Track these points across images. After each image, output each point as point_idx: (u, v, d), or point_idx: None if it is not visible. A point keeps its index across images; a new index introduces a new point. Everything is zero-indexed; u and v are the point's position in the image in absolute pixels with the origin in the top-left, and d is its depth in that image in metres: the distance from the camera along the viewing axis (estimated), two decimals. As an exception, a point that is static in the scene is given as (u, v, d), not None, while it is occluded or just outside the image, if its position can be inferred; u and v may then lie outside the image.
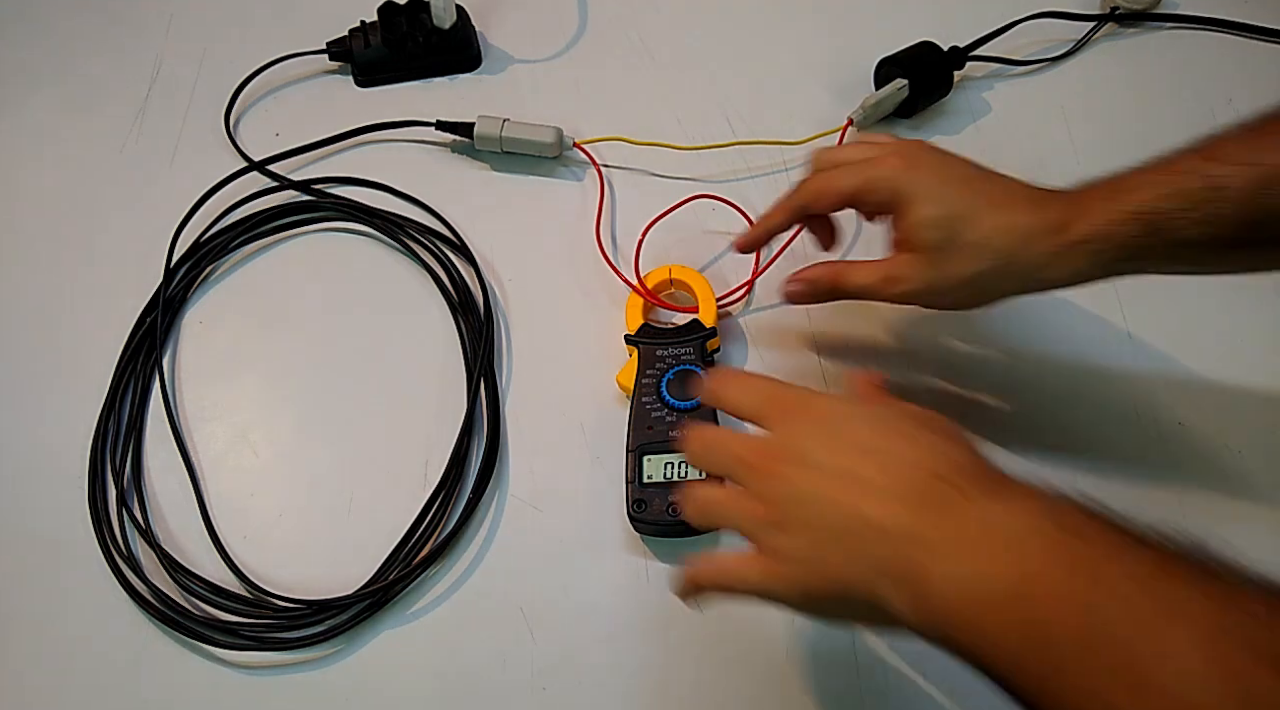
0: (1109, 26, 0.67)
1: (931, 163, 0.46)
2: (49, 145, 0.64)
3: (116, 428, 0.54)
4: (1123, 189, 0.42)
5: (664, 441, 0.50)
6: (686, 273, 0.56)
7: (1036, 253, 0.43)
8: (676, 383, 0.51)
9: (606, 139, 0.61)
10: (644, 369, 0.52)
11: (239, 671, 0.48)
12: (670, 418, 0.51)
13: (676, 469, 0.50)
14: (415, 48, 0.64)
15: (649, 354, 0.53)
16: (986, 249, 0.43)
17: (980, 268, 0.43)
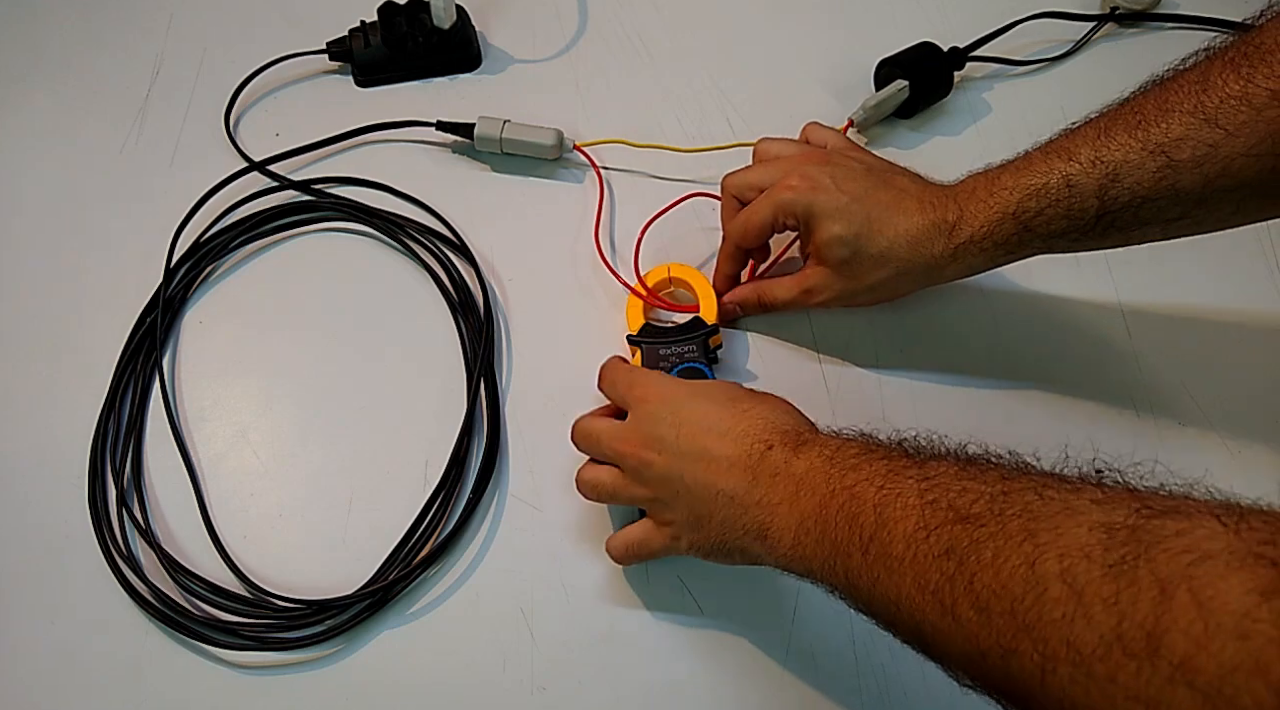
0: (1109, 26, 0.67)
1: (829, 178, 0.50)
2: (49, 145, 0.64)
3: (117, 427, 0.54)
4: (996, 189, 0.47)
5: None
6: (685, 271, 0.56)
7: (932, 255, 0.48)
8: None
9: (606, 142, 0.61)
10: (648, 367, 0.52)
11: (239, 671, 0.48)
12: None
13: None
14: (415, 48, 0.64)
15: (652, 354, 0.53)
16: (889, 258, 0.49)
17: (885, 275, 0.50)
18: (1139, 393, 0.54)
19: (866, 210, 0.49)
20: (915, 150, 0.63)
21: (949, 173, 0.62)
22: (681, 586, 0.50)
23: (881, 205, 0.49)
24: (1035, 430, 0.53)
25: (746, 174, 0.54)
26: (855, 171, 0.51)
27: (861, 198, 0.49)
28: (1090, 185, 0.44)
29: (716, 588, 0.50)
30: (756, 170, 0.53)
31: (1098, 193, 0.44)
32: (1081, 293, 0.57)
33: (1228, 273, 0.58)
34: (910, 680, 0.47)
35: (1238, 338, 0.56)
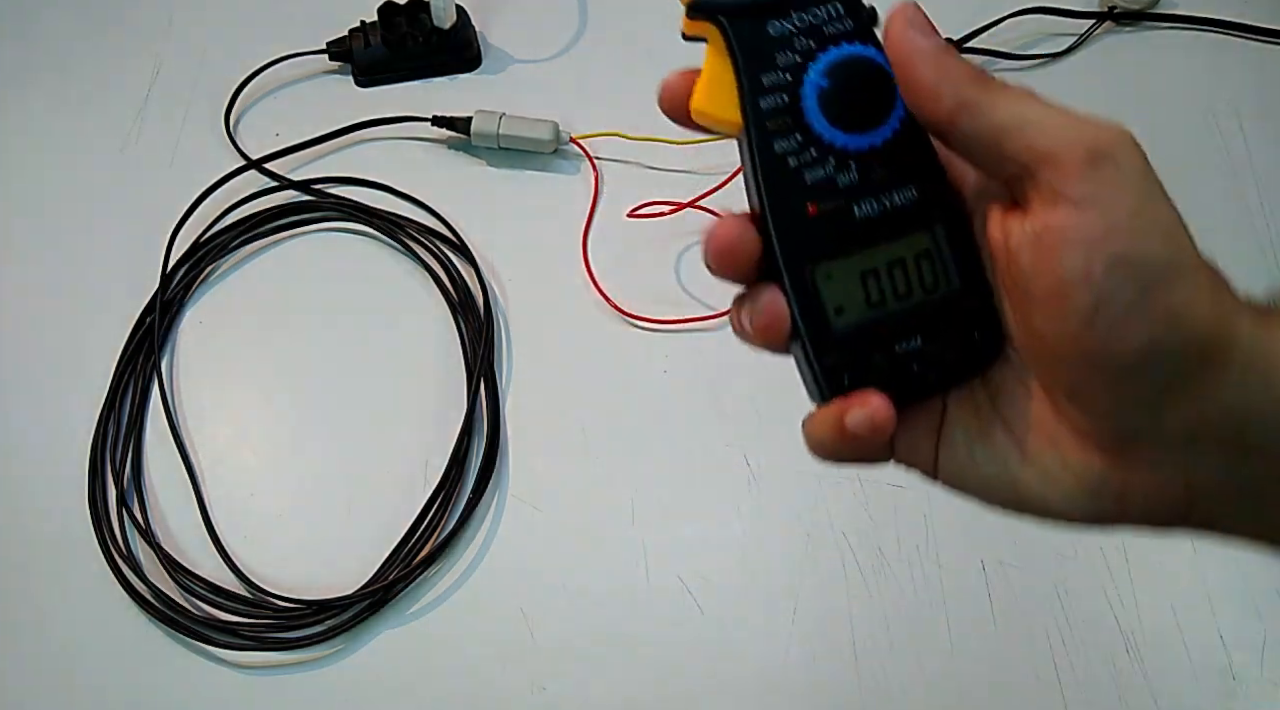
0: (1107, 25, 0.67)
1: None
2: (49, 145, 0.64)
3: (116, 428, 0.54)
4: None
5: (847, 226, 0.25)
6: None
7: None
8: (838, 95, 0.25)
9: (603, 134, 0.61)
10: (752, 72, 0.25)
11: (239, 671, 0.48)
12: (844, 172, 0.25)
13: (892, 277, 0.26)
14: (415, 48, 0.64)
15: (751, 36, 0.25)
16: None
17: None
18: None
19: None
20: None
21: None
22: (681, 586, 0.50)
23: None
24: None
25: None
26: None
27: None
28: None
29: (716, 588, 0.50)
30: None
31: None
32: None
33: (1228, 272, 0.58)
34: (910, 680, 0.47)
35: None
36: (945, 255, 0.26)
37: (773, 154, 0.25)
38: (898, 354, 0.26)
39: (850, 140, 0.25)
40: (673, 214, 0.58)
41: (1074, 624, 0.48)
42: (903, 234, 0.25)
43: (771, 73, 0.25)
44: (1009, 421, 0.26)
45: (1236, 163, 0.61)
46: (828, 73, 0.25)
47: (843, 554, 0.50)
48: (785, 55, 0.25)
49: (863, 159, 0.25)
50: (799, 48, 0.25)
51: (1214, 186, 0.61)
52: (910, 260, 0.25)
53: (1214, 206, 0.60)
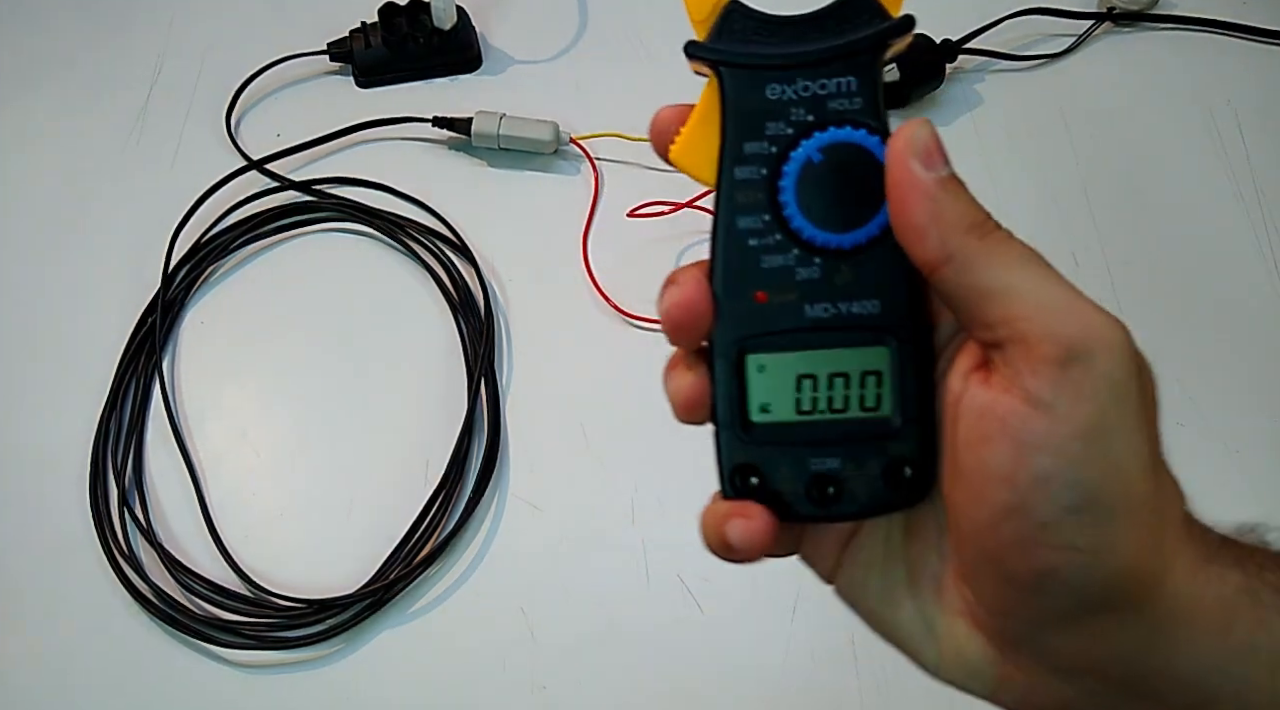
0: (1105, 25, 0.67)
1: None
2: (50, 146, 0.64)
3: (118, 427, 0.54)
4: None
5: (794, 322, 0.24)
6: None
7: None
8: (822, 183, 0.23)
9: (603, 135, 0.62)
10: (738, 143, 0.24)
11: (240, 670, 0.48)
12: (811, 268, 0.24)
13: (828, 388, 0.24)
14: (416, 48, 0.64)
15: (749, 105, 0.24)
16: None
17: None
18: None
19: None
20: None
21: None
22: (681, 586, 0.50)
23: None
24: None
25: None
26: None
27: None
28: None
29: (716, 588, 0.50)
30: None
31: None
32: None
33: (1227, 273, 0.58)
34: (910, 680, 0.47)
35: (1237, 338, 0.56)
36: (894, 381, 0.23)
37: (735, 229, 0.23)
38: (813, 471, 0.24)
39: (821, 235, 0.23)
40: (672, 213, 0.58)
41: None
42: (853, 346, 0.23)
43: (757, 141, 0.23)
44: (913, 567, 0.25)
45: (1235, 163, 0.61)
46: (816, 156, 0.23)
47: (842, 554, 0.50)
48: (777, 125, 0.23)
49: (830, 257, 0.23)
50: (794, 119, 0.23)
51: (1212, 187, 0.61)
52: (855, 375, 0.23)
53: (1212, 207, 0.60)
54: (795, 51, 0.23)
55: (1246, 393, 0.54)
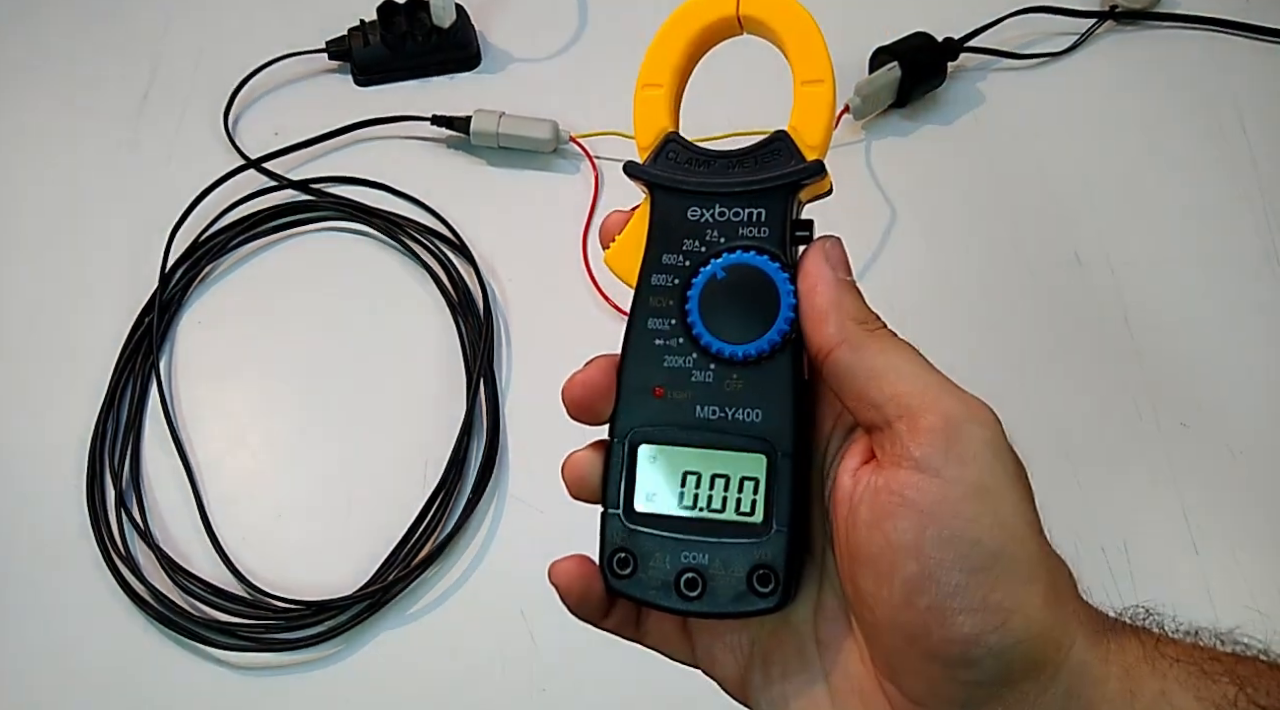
0: (1108, 24, 0.67)
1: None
2: (48, 145, 0.63)
3: (115, 428, 0.53)
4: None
5: (683, 420, 0.26)
6: (777, 7, 0.29)
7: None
8: (723, 298, 0.26)
9: (602, 133, 0.61)
10: (658, 251, 0.27)
11: (238, 672, 0.48)
12: (703, 372, 0.26)
13: (707, 488, 0.25)
14: (415, 47, 0.64)
15: (672, 219, 0.27)
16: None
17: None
18: (1140, 392, 0.54)
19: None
20: (908, 137, 0.63)
21: (940, 158, 0.62)
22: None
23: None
24: (1036, 430, 0.53)
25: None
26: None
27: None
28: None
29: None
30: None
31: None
32: (1084, 292, 0.57)
33: (1230, 273, 0.58)
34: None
35: (1240, 338, 0.56)
36: (770, 489, 0.25)
37: (644, 328, 0.26)
38: (683, 565, 0.25)
39: (716, 344, 0.25)
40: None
41: (1075, 625, 0.48)
42: (735, 449, 0.25)
43: (674, 254, 0.26)
44: (829, 672, 0.25)
45: (1238, 161, 0.61)
46: (720, 273, 0.25)
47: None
48: (693, 242, 0.26)
49: (723, 365, 0.25)
50: (708, 239, 0.26)
51: (1216, 185, 0.61)
52: (734, 478, 0.25)
53: (1216, 205, 0.60)
54: (717, 182, 0.26)
55: (1250, 393, 0.54)
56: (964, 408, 0.23)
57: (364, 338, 0.57)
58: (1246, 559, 0.50)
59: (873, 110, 0.62)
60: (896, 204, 0.60)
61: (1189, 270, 0.58)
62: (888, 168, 0.61)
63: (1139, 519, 0.50)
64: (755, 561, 0.24)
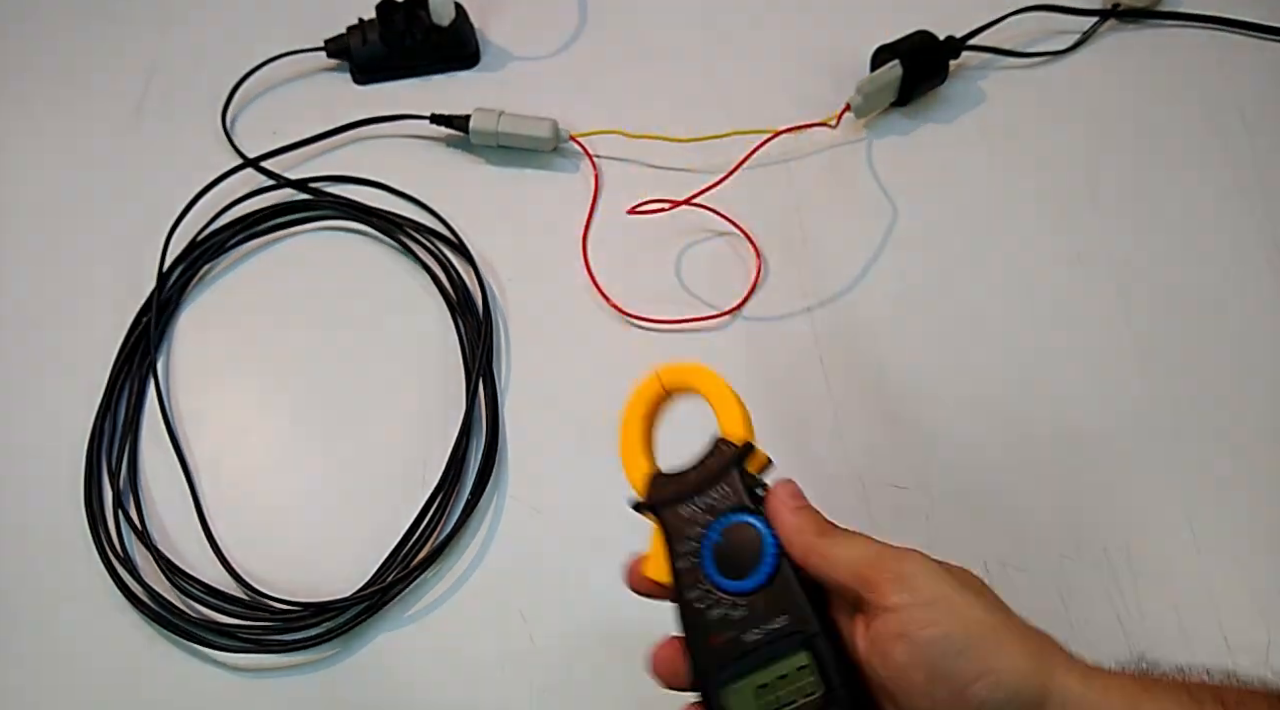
0: (1110, 22, 0.67)
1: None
2: (45, 143, 0.63)
3: (112, 429, 0.53)
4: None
5: (741, 653, 0.32)
6: (684, 372, 0.38)
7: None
8: (726, 553, 0.34)
9: (602, 132, 0.61)
10: (675, 547, 0.35)
11: (236, 674, 0.48)
12: (735, 610, 0.33)
13: (778, 690, 0.32)
14: (413, 45, 0.64)
15: (675, 523, 0.35)
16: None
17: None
18: (1141, 392, 0.54)
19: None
20: (909, 136, 0.63)
21: (941, 157, 0.62)
22: (682, 588, 0.50)
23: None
24: (1036, 430, 0.53)
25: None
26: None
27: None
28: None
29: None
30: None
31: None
32: (1083, 293, 0.57)
33: (1232, 272, 0.57)
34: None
35: (1241, 337, 0.56)
36: (816, 666, 0.32)
37: (687, 601, 0.34)
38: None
39: (733, 585, 0.33)
40: (672, 210, 0.57)
41: (1076, 625, 0.48)
42: (784, 653, 0.32)
43: (683, 542, 0.34)
44: None
45: (1240, 160, 0.61)
46: (716, 536, 0.34)
47: (844, 555, 0.50)
48: (693, 528, 0.34)
49: (745, 598, 0.33)
50: (700, 522, 0.34)
51: (1217, 184, 0.60)
52: (792, 673, 0.32)
53: (1217, 204, 0.60)
54: (691, 486, 0.35)
55: (1252, 392, 0.54)
56: (899, 560, 0.31)
57: (363, 338, 0.57)
58: (1248, 559, 0.50)
59: (874, 109, 0.62)
60: (898, 202, 0.60)
61: (1190, 269, 0.58)
62: (889, 166, 0.61)
63: (1141, 519, 0.50)
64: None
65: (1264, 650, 0.48)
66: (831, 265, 0.58)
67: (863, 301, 0.57)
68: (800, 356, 0.55)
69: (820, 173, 0.61)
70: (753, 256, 0.58)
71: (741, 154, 0.58)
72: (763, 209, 0.60)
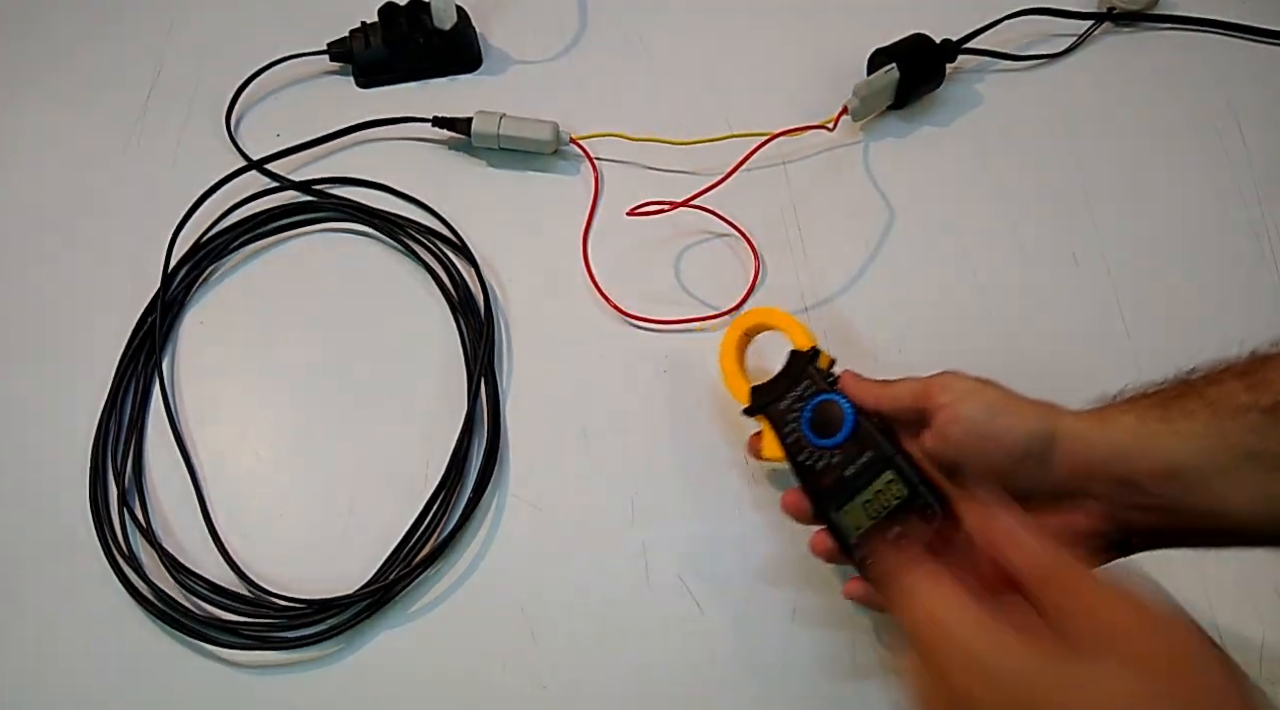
0: (1105, 25, 0.67)
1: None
2: (50, 146, 0.64)
3: (118, 428, 0.54)
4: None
5: (845, 483, 0.44)
6: (757, 315, 0.51)
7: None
8: (818, 423, 0.46)
9: (603, 135, 0.62)
10: (781, 428, 0.47)
11: (240, 671, 0.48)
12: (834, 457, 0.45)
13: (878, 500, 0.44)
14: (416, 48, 0.64)
15: (778, 416, 0.47)
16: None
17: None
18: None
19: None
20: (905, 138, 0.63)
21: (937, 159, 0.62)
22: (681, 586, 0.50)
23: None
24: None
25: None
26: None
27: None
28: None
29: (716, 588, 0.50)
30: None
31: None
32: (1081, 293, 0.57)
33: (1230, 274, 0.58)
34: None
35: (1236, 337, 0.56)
36: (899, 476, 0.44)
37: (799, 463, 0.46)
38: (889, 537, 0.43)
39: (829, 442, 0.46)
40: (671, 211, 0.58)
41: (1073, 623, 0.48)
42: (876, 475, 0.44)
43: (787, 425, 0.47)
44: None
45: (1235, 163, 0.62)
46: (809, 413, 0.46)
47: (842, 553, 0.50)
48: (790, 414, 0.47)
49: (839, 449, 0.45)
50: (795, 409, 0.47)
51: (1212, 187, 0.61)
52: (884, 488, 0.44)
53: (1212, 207, 0.60)
54: (782, 387, 0.48)
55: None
56: (938, 378, 0.43)
57: (365, 338, 0.57)
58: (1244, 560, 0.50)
59: (870, 112, 0.62)
60: (894, 205, 0.60)
61: (1185, 271, 0.58)
62: (885, 169, 0.62)
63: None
64: (923, 506, 0.43)
65: (1259, 650, 0.48)
66: (829, 266, 0.58)
67: (860, 303, 0.57)
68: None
69: (817, 175, 0.62)
70: (751, 258, 0.58)
71: (740, 156, 0.58)
72: (761, 210, 0.60)
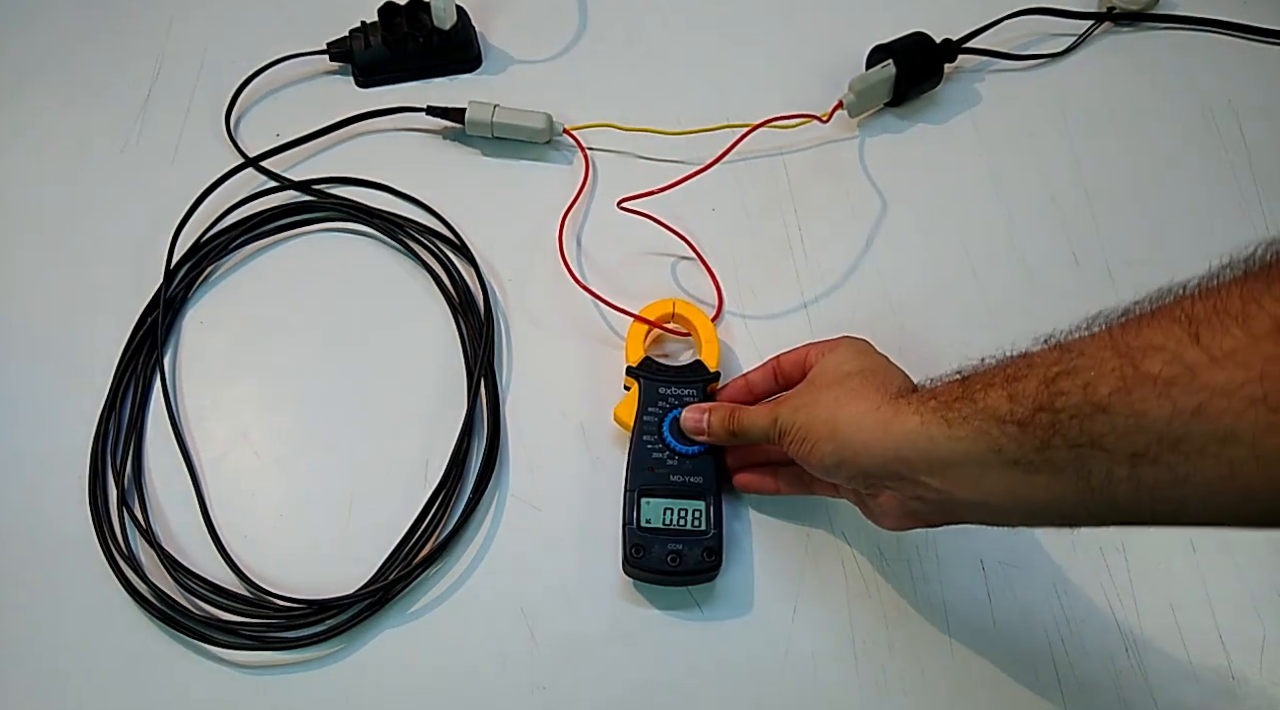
0: (1105, 25, 0.67)
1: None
2: (50, 144, 0.64)
3: (117, 428, 0.54)
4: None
5: (664, 484, 0.49)
6: (690, 310, 0.55)
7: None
8: (677, 425, 0.50)
9: (596, 125, 0.62)
10: (645, 405, 0.51)
11: (239, 671, 0.48)
12: (672, 460, 0.50)
13: (678, 515, 0.48)
14: (416, 48, 0.64)
15: (651, 390, 0.51)
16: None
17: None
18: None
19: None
20: (902, 135, 0.63)
21: (935, 159, 0.62)
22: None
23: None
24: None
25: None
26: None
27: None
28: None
29: (716, 587, 0.50)
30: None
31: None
32: (1081, 293, 0.57)
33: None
34: (910, 680, 0.48)
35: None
36: (706, 514, 0.49)
37: (642, 439, 0.50)
38: (666, 550, 0.48)
39: (678, 446, 0.50)
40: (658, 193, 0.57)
41: (1073, 623, 0.49)
42: (691, 497, 0.49)
43: (655, 404, 0.51)
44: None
45: (1235, 163, 0.62)
46: (678, 413, 0.50)
47: (842, 554, 0.50)
48: (665, 401, 0.51)
49: (682, 457, 0.50)
50: (668, 402, 0.51)
51: (1212, 187, 0.61)
52: (690, 510, 0.49)
53: (1212, 207, 0.60)
54: (673, 378, 0.52)
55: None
56: (781, 408, 0.46)
57: (365, 337, 0.57)
58: (1244, 560, 0.50)
59: (867, 107, 0.62)
60: (889, 200, 0.60)
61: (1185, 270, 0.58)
62: (881, 164, 0.62)
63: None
64: (705, 549, 0.48)
65: (1259, 649, 0.48)
66: (826, 262, 0.58)
67: (857, 299, 0.57)
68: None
69: (813, 170, 0.62)
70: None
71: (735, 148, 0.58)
72: (757, 206, 0.60)
